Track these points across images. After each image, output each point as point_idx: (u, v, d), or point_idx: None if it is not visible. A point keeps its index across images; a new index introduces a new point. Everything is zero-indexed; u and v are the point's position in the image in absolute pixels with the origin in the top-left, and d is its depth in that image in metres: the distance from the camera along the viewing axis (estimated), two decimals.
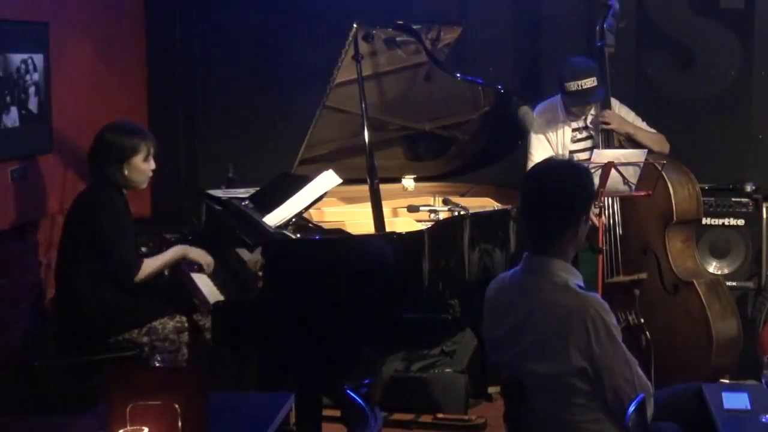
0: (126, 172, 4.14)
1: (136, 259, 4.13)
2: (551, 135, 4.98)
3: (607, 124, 4.82)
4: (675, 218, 4.72)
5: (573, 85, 4.78)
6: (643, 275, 4.79)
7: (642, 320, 4.73)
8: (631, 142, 4.90)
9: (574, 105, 4.89)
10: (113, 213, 4.10)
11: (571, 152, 4.95)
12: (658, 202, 4.70)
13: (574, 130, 4.98)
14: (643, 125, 4.98)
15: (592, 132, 4.96)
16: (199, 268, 4.28)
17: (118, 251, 4.05)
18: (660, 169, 4.52)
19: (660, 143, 4.91)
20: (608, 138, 4.83)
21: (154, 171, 4.25)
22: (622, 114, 4.95)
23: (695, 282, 4.68)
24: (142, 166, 4.18)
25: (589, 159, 4.48)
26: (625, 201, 4.78)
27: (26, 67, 4.56)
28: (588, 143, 4.97)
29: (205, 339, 4.10)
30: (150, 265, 4.13)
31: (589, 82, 4.76)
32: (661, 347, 4.65)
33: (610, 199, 4.70)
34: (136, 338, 4.06)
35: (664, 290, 4.76)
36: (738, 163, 5.47)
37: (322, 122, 4.59)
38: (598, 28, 4.91)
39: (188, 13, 5.98)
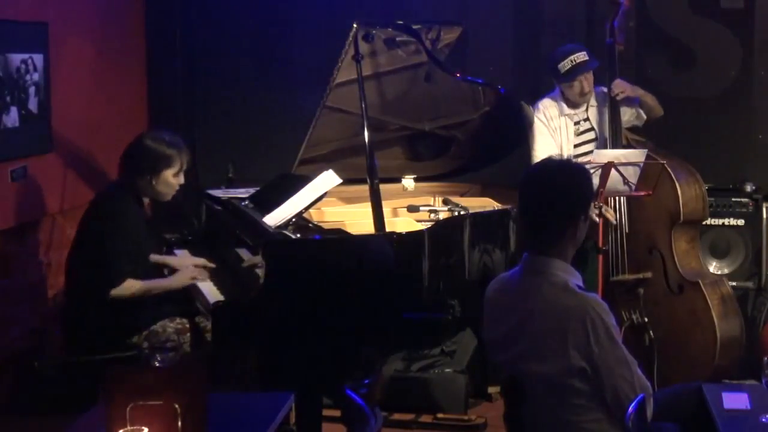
0: (154, 183, 4.10)
1: (119, 276, 3.99)
2: (554, 130, 4.98)
3: (622, 92, 4.82)
4: (682, 218, 4.71)
5: (567, 63, 4.81)
6: (648, 274, 4.79)
7: (646, 319, 4.72)
8: (634, 140, 4.91)
9: (570, 83, 4.87)
10: (122, 221, 4.05)
11: (576, 145, 4.95)
12: (665, 201, 4.70)
13: (575, 123, 4.99)
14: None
15: (593, 124, 4.97)
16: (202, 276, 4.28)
17: (107, 260, 3.97)
18: (663, 165, 4.53)
19: (658, 105, 4.98)
20: (615, 137, 4.81)
21: (182, 186, 4.20)
22: (623, 116, 4.94)
23: (700, 282, 4.67)
24: (172, 181, 4.13)
25: (590, 158, 4.48)
26: (631, 199, 4.78)
27: (26, 67, 4.56)
28: (590, 135, 4.97)
29: (206, 340, 4.09)
30: (130, 286, 4.01)
31: (581, 56, 4.81)
32: (664, 346, 4.65)
33: (616, 198, 4.70)
34: (136, 342, 4.06)
35: (668, 290, 4.75)
36: (738, 163, 5.47)
37: (322, 122, 4.59)
38: (607, 26, 4.90)
39: (188, 13, 5.98)
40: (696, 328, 4.66)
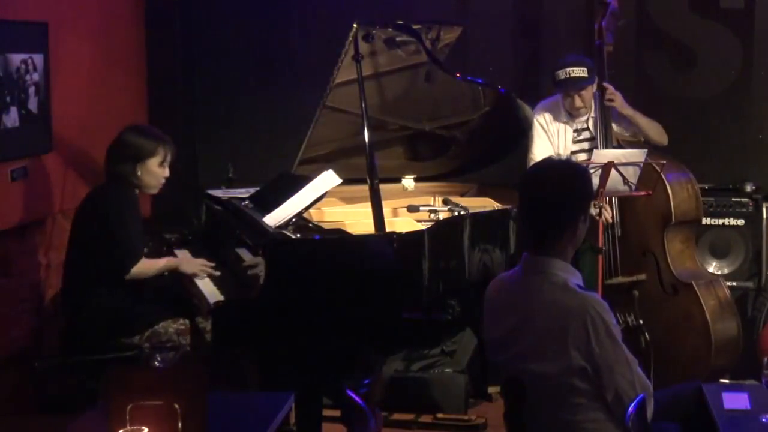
0: (139, 173, 4.18)
1: (138, 251, 4.15)
2: (553, 134, 4.98)
3: (611, 100, 4.81)
4: (674, 220, 4.72)
5: (561, 74, 4.80)
6: (642, 276, 4.79)
7: (641, 321, 4.72)
8: (625, 140, 4.91)
9: (563, 94, 4.88)
10: (123, 204, 4.15)
11: (572, 153, 4.95)
12: (656, 204, 4.70)
13: (575, 130, 4.99)
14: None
15: (593, 133, 4.96)
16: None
17: (122, 238, 4.08)
18: (659, 170, 4.52)
19: (659, 132, 4.92)
20: (606, 138, 4.82)
21: (167, 178, 4.27)
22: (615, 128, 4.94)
23: (694, 284, 4.67)
24: (157, 170, 4.22)
25: (589, 159, 4.48)
26: (624, 202, 4.78)
27: (26, 67, 4.56)
28: (588, 144, 4.97)
29: (207, 341, 4.10)
30: (145, 264, 4.16)
31: (578, 71, 4.78)
32: (660, 348, 4.65)
33: (608, 199, 4.70)
34: (138, 343, 4.06)
35: (663, 292, 4.76)
36: (738, 163, 5.47)
37: (322, 122, 4.59)
38: (596, 26, 4.91)
39: (188, 13, 5.98)
40: (691, 330, 4.67)
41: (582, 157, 4.88)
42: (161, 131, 4.36)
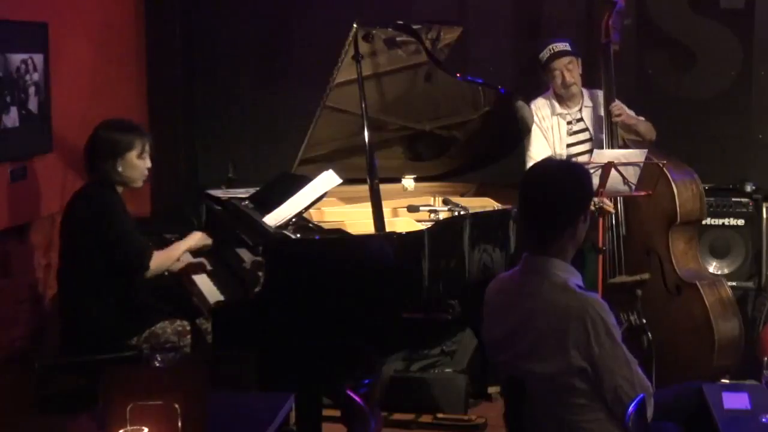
0: (120, 169, 4.11)
1: (145, 246, 4.13)
2: (547, 129, 4.99)
3: (619, 116, 4.82)
4: (679, 219, 4.71)
5: (546, 52, 4.89)
6: (646, 276, 4.79)
7: (644, 321, 4.72)
8: (632, 134, 4.91)
9: (552, 73, 4.90)
10: (113, 210, 4.09)
11: (568, 145, 4.96)
12: (661, 203, 4.70)
13: (568, 123, 4.99)
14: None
15: (587, 124, 4.97)
16: (201, 269, 4.29)
17: (128, 243, 4.05)
18: (662, 166, 4.52)
19: (650, 131, 4.96)
20: (612, 136, 4.82)
21: (150, 170, 4.23)
22: None
23: (698, 284, 4.67)
24: (137, 163, 4.15)
25: (589, 158, 4.48)
26: (629, 201, 4.78)
27: (26, 67, 4.56)
28: (583, 135, 4.98)
29: (207, 342, 4.09)
30: (159, 256, 4.13)
31: (561, 46, 4.88)
32: (663, 348, 4.65)
33: (613, 199, 4.70)
34: (136, 344, 4.06)
35: (666, 291, 4.75)
36: (738, 163, 5.47)
37: (322, 122, 4.59)
38: (603, 25, 4.89)
39: (188, 13, 5.98)
40: (694, 330, 4.67)
41: (579, 149, 4.90)
42: (134, 122, 4.30)
